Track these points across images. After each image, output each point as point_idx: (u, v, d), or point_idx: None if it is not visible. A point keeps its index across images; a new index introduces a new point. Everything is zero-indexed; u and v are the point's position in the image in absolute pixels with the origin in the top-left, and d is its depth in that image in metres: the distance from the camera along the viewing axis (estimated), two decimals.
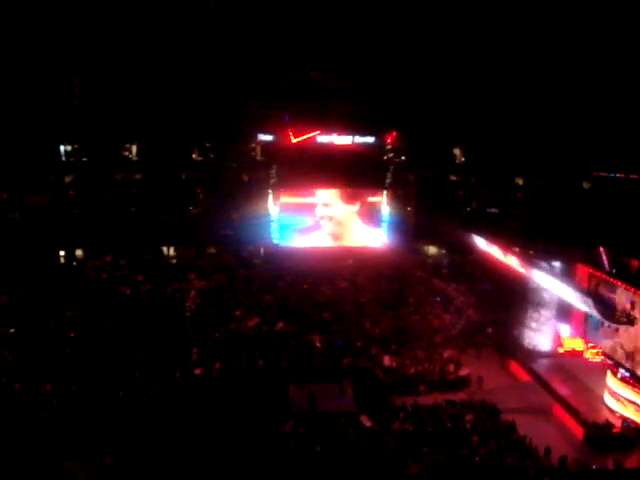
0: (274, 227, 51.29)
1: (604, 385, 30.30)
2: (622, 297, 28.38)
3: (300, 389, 29.92)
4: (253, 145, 54.34)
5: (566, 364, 34.54)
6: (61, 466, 20.73)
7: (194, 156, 54.14)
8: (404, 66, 52.36)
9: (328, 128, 52.10)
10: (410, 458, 23.83)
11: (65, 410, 26.52)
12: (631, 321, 27.78)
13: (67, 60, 49.26)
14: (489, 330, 39.03)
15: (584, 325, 33.08)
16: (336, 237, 52.44)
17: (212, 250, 50.76)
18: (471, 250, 43.00)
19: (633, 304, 27.65)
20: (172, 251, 51.41)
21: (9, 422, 24.99)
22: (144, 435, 24.50)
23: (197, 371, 31.46)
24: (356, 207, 52.53)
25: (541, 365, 35.15)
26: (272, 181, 51.66)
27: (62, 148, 51.84)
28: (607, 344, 30.16)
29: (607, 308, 28.58)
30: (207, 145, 54.46)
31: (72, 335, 34.61)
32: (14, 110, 46.74)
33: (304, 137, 51.77)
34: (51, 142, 50.47)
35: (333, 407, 28.77)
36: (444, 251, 52.32)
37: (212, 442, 23.94)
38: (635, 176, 48.42)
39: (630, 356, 28.36)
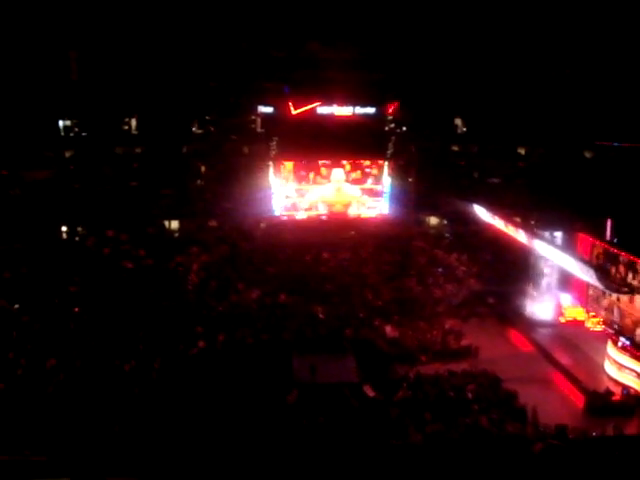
0: (275, 199, 51.14)
1: (605, 354, 30.53)
2: (624, 266, 28.46)
3: (303, 360, 30.14)
4: (253, 117, 54.02)
5: (567, 333, 34.77)
6: None
7: (194, 129, 53.89)
8: (405, 36, 51.76)
9: (328, 99, 51.64)
10: (413, 426, 24.13)
11: (71, 384, 26.82)
12: (632, 290, 27.88)
13: (64, 34, 48.74)
14: (490, 300, 39.20)
15: (586, 294, 33.21)
16: (338, 209, 52.19)
17: (213, 223, 50.60)
18: (473, 220, 43.01)
19: (635, 273, 27.73)
20: (174, 225, 51.37)
21: (17, 396, 25.32)
22: (150, 407, 24.83)
23: (201, 343, 31.70)
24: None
25: (542, 334, 35.38)
26: (273, 153, 51.42)
27: (61, 123, 51.62)
28: None
29: (609, 278, 28.66)
30: (207, 118, 54.19)
31: (76, 310, 34.82)
32: (12, 86, 46.40)
33: (304, 108, 51.31)
34: (50, 117, 50.25)
35: (336, 378, 29.01)
36: (445, 222, 52.25)
37: (216, 413, 24.23)
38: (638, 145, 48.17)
39: None
